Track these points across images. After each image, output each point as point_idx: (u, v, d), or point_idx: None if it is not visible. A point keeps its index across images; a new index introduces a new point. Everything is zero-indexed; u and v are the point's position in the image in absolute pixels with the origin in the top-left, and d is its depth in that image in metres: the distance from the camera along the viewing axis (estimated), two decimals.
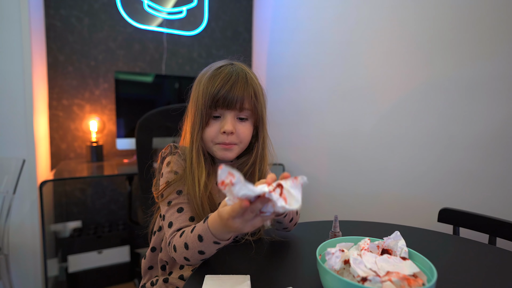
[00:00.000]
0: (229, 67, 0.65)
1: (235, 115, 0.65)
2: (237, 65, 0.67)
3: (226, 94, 0.62)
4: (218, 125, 0.64)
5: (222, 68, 0.65)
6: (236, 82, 0.63)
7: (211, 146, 0.66)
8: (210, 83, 0.63)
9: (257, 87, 0.66)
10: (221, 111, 0.64)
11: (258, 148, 0.69)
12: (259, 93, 0.66)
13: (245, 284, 0.47)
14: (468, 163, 0.97)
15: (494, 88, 0.89)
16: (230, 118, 0.64)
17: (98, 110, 1.89)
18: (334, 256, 0.44)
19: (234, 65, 0.67)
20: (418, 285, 0.39)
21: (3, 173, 1.22)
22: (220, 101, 0.62)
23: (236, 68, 0.66)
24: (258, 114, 0.67)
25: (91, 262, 1.68)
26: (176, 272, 0.68)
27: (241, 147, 0.67)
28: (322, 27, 1.58)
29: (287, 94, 1.88)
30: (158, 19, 2.00)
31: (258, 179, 0.69)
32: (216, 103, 0.62)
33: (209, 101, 0.62)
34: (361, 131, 1.36)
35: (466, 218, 0.82)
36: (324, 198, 1.59)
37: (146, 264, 0.74)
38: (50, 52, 1.75)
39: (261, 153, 0.69)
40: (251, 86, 0.64)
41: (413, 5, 1.12)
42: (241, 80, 0.64)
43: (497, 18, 0.88)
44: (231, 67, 0.65)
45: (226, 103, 0.62)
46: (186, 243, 0.54)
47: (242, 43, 2.30)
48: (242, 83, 0.63)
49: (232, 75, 0.64)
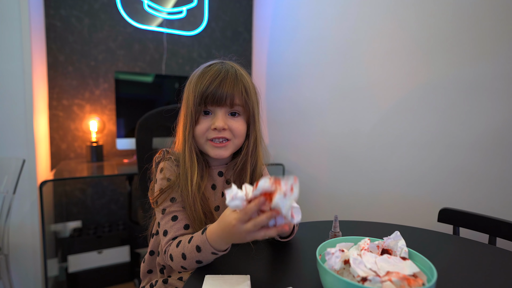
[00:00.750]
0: (219, 65, 0.65)
1: (226, 111, 0.64)
2: (227, 63, 0.67)
3: (215, 90, 0.61)
4: (208, 121, 0.63)
5: (212, 66, 0.65)
6: (225, 79, 0.62)
7: (204, 143, 0.65)
8: (199, 80, 0.63)
9: (248, 84, 0.65)
10: (212, 108, 0.63)
11: (248, 146, 0.67)
12: (250, 90, 0.65)
13: (245, 284, 0.47)
14: (468, 163, 0.97)
15: (494, 88, 0.89)
16: (221, 115, 0.63)
17: (98, 110, 1.89)
18: (334, 256, 0.44)
19: (224, 63, 0.66)
20: (418, 285, 0.39)
21: (3, 173, 1.22)
22: (210, 98, 0.61)
23: (226, 65, 0.65)
24: (249, 111, 0.66)
25: (91, 262, 1.67)
26: (175, 274, 0.68)
27: (236, 143, 0.66)
28: (322, 26, 1.58)
29: (287, 93, 1.88)
30: (158, 19, 2.00)
31: (251, 179, 0.68)
32: (206, 100, 0.62)
33: (198, 98, 0.62)
34: (361, 131, 1.36)
35: (466, 218, 0.82)
36: (324, 198, 1.59)
37: (145, 268, 0.74)
38: (50, 52, 1.75)
39: (253, 151, 0.68)
40: (241, 83, 0.64)
41: (413, 5, 1.12)
42: (231, 76, 0.63)
43: (497, 18, 0.88)
44: (221, 65, 0.65)
45: (215, 99, 0.61)
46: (184, 253, 0.54)
47: (242, 43, 2.30)
48: (231, 79, 0.63)
49: (221, 71, 0.63)
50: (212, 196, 0.68)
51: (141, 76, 1.90)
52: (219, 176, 0.69)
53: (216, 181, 0.69)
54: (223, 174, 0.70)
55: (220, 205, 0.69)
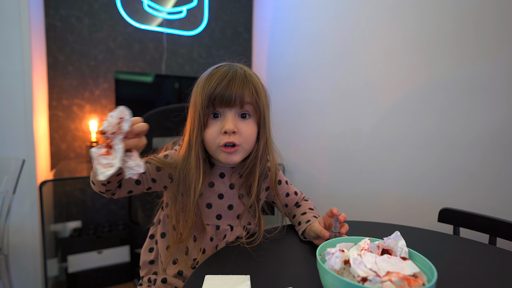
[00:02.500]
0: (227, 67, 0.63)
1: (236, 113, 0.61)
2: (236, 65, 0.65)
3: (224, 91, 0.59)
4: (218, 125, 0.61)
5: (220, 68, 0.63)
6: (233, 79, 0.60)
7: (215, 150, 0.62)
8: (207, 82, 0.61)
9: (258, 85, 0.63)
10: (221, 110, 0.61)
11: (258, 150, 0.65)
12: (260, 91, 0.63)
13: (245, 284, 0.47)
14: (468, 163, 0.97)
15: (494, 88, 0.89)
16: (231, 117, 0.60)
17: (98, 110, 1.89)
18: (334, 256, 0.44)
19: (233, 65, 0.64)
20: (418, 285, 0.39)
21: (3, 173, 1.22)
22: (218, 99, 0.59)
23: (235, 67, 0.63)
24: (260, 113, 0.63)
25: (91, 262, 1.67)
26: (170, 269, 0.68)
27: (246, 148, 0.63)
28: (322, 27, 1.58)
29: (287, 94, 1.88)
30: (158, 19, 2.00)
31: (259, 183, 0.67)
32: (214, 101, 0.59)
33: (206, 101, 0.59)
34: (361, 131, 1.36)
35: (466, 218, 0.82)
36: (324, 198, 1.59)
37: (147, 257, 0.73)
38: (50, 52, 1.75)
39: (262, 155, 0.66)
40: (250, 83, 0.61)
41: (413, 5, 1.12)
42: (239, 76, 0.61)
43: (497, 18, 0.88)
44: (229, 67, 0.63)
45: (224, 100, 0.59)
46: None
47: (242, 43, 2.30)
48: (240, 80, 0.60)
49: (229, 72, 0.61)
50: (207, 193, 0.67)
51: (141, 76, 1.90)
52: (220, 177, 0.68)
53: (215, 179, 0.68)
54: (225, 176, 0.68)
55: (212, 204, 0.67)
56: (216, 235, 0.67)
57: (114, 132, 0.44)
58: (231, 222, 0.68)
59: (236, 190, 0.69)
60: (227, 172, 0.69)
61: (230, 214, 0.68)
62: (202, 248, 0.66)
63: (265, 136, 0.65)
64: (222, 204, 0.68)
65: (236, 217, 0.68)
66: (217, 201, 0.67)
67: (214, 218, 0.67)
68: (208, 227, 0.67)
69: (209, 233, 0.67)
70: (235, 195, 0.69)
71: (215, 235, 0.67)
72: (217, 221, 0.67)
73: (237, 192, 0.69)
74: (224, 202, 0.68)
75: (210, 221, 0.67)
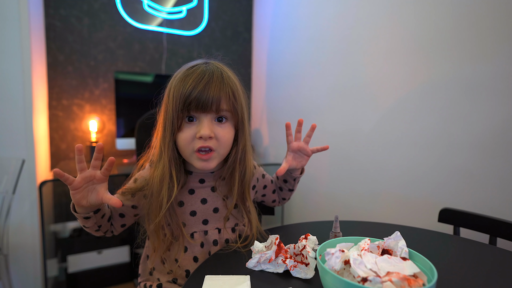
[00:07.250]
0: (203, 66, 0.59)
1: (212, 117, 0.58)
2: (212, 63, 0.61)
3: (200, 95, 0.55)
4: (193, 129, 0.58)
5: (195, 68, 0.59)
6: (210, 82, 0.56)
7: (190, 155, 0.59)
8: (181, 84, 0.57)
9: (236, 87, 0.60)
10: (196, 114, 0.58)
11: (237, 153, 0.63)
12: (238, 93, 0.60)
13: (245, 284, 0.47)
14: (468, 163, 0.97)
15: (494, 88, 0.89)
16: (206, 122, 0.57)
17: (98, 110, 1.89)
18: (334, 257, 0.44)
19: (209, 64, 0.61)
20: (418, 285, 0.39)
21: (3, 173, 1.22)
22: (193, 104, 0.55)
23: (211, 67, 0.60)
24: (238, 116, 0.61)
25: (91, 262, 1.67)
26: (163, 276, 0.67)
27: (221, 153, 0.61)
28: (322, 26, 1.57)
29: (287, 93, 1.88)
30: (158, 19, 2.00)
31: (240, 187, 0.65)
32: (189, 106, 0.56)
33: (181, 104, 0.56)
34: (361, 131, 1.36)
35: (467, 218, 0.82)
36: (324, 198, 1.59)
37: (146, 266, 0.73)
38: (50, 52, 1.75)
39: (241, 159, 0.63)
40: (227, 86, 0.58)
41: (413, 4, 1.12)
42: (216, 79, 0.57)
43: (497, 18, 0.88)
44: (205, 66, 0.59)
45: (200, 105, 0.56)
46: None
47: (242, 43, 2.30)
48: (217, 83, 0.57)
49: (206, 74, 0.57)
50: (189, 201, 0.65)
51: (141, 76, 1.90)
52: (199, 183, 0.66)
53: (195, 186, 0.66)
54: (205, 181, 0.66)
55: (196, 211, 0.65)
56: (206, 241, 0.65)
57: None
58: (219, 225, 0.67)
59: (218, 192, 0.67)
60: (207, 177, 0.67)
61: (217, 217, 0.66)
62: (194, 257, 0.65)
63: (244, 138, 0.63)
64: (207, 208, 0.66)
65: (223, 220, 0.67)
66: (200, 206, 0.65)
67: (200, 224, 0.65)
68: (196, 234, 0.65)
69: (198, 241, 0.65)
70: (218, 198, 0.67)
71: (205, 241, 0.65)
72: (204, 226, 0.65)
73: (220, 195, 0.67)
74: (209, 206, 0.66)
75: (197, 228, 0.65)
